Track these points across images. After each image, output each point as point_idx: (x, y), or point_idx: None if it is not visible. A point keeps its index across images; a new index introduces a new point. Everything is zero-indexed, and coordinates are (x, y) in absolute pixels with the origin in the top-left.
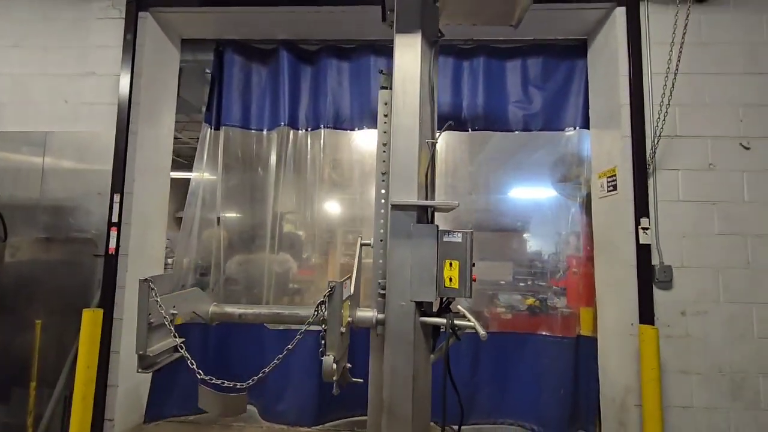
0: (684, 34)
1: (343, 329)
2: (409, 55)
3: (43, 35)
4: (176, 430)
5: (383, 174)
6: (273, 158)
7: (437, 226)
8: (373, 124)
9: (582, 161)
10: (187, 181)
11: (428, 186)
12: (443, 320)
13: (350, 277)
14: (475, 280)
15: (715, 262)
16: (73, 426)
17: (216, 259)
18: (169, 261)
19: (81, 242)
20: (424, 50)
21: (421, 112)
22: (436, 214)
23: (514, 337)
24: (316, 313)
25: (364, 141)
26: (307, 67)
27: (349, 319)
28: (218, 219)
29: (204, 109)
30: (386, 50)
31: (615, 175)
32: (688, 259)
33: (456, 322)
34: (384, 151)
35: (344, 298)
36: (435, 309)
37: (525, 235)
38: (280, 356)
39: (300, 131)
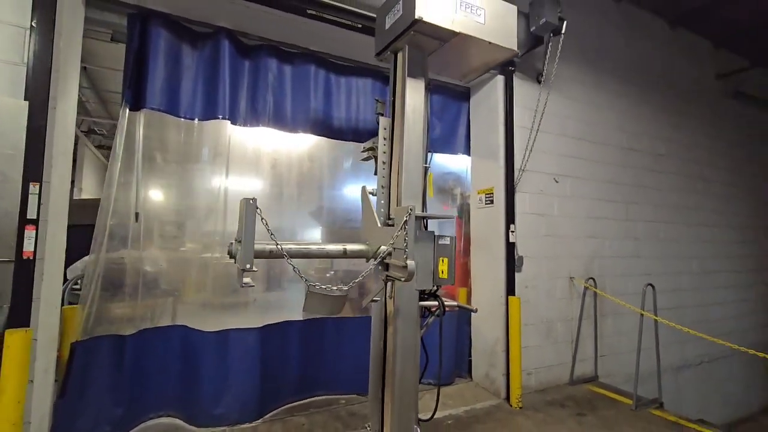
0: (547, 104)
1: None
2: (417, 96)
3: None
4: None
5: (383, 187)
6: (207, 151)
7: (434, 232)
8: (311, 129)
9: (460, 179)
10: None
11: (424, 200)
12: (435, 303)
13: None
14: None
15: (541, 253)
16: None
17: (134, 258)
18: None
19: None
20: (425, 93)
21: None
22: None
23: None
24: (403, 228)
25: (304, 144)
26: (245, 60)
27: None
28: (137, 215)
29: None
30: (327, 64)
31: (492, 193)
32: (530, 252)
33: (445, 302)
34: (383, 168)
35: None
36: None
37: None
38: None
39: (238, 126)
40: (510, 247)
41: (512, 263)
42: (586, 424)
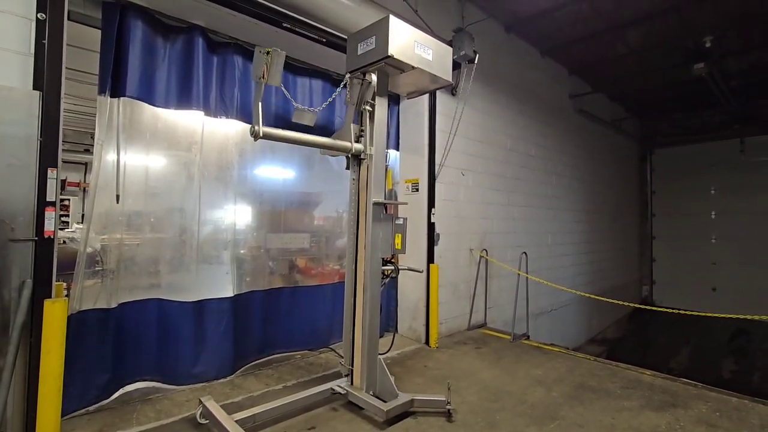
0: (462, 113)
1: None
2: (382, 110)
3: None
4: (91, 420)
5: (353, 179)
6: (182, 138)
7: (392, 215)
8: (273, 123)
9: (390, 169)
10: None
11: (385, 191)
12: (392, 267)
13: None
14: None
15: (451, 231)
16: None
17: (113, 240)
18: None
19: None
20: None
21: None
22: None
23: None
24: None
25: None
26: (214, 56)
27: None
28: (117, 197)
29: None
30: (286, 65)
31: (418, 183)
32: (444, 229)
33: (399, 267)
34: (355, 165)
35: None
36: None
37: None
38: None
39: (209, 117)
40: (431, 226)
41: (432, 238)
42: (483, 353)
